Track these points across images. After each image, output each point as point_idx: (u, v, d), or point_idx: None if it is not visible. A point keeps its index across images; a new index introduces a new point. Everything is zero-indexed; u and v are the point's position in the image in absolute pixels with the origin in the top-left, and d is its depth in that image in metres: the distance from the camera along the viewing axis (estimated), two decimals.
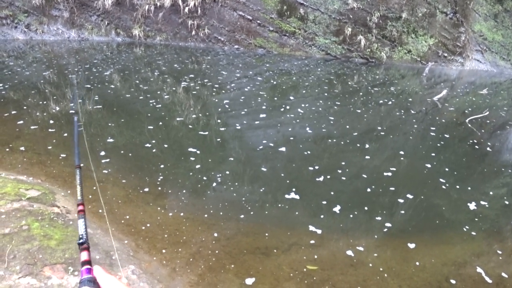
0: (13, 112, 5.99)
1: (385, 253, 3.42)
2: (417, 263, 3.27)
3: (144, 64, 10.62)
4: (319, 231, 3.59)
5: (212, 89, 8.56)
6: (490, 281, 3.14)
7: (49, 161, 4.51)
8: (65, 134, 5.32)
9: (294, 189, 4.30)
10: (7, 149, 4.72)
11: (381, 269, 3.15)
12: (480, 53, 14.52)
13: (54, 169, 4.33)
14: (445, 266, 3.32)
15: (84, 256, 0.64)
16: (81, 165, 1.17)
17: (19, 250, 2.70)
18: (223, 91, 8.49)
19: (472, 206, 4.30)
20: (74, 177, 0.82)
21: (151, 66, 10.38)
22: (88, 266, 0.62)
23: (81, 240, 0.68)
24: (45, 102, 6.62)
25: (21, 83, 7.82)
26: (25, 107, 6.29)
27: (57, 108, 6.36)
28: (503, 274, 3.23)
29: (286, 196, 4.19)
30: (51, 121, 5.76)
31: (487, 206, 4.34)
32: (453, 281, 3.09)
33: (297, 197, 4.18)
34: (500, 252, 3.57)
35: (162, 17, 13.94)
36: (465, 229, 3.88)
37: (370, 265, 3.19)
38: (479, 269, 3.28)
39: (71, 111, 6.14)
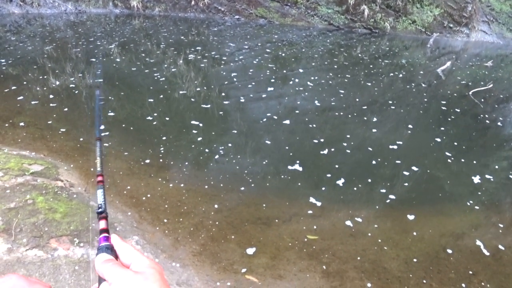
0: (13, 88, 5.96)
1: (385, 224, 3.47)
2: (416, 234, 3.33)
3: (148, 36, 10.44)
4: (320, 202, 3.64)
5: (220, 61, 8.47)
6: (486, 251, 3.20)
7: (51, 135, 4.53)
8: (66, 109, 5.31)
9: (298, 161, 4.32)
10: (9, 125, 4.73)
11: (380, 239, 3.21)
12: (487, 24, 14.17)
13: (56, 143, 4.35)
14: (443, 236, 3.37)
15: (102, 224, 0.66)
16: (102, 134, 1.16)
17: (25, 224, 2.75)
18: (231, 63, 8.38)
19: (476, 179, 4.31)
20: (94, 148, 0.84)
21: (156, 38, 10.21)
22: (106, 234, 0.63)
23: (100, 209, 0.70)
24: (45, 77, 6.57)
25: (23, 57, 7.74)
26: (26, 82, 6.25)
27: (57, 83, 6.32)
28: (500, 245, 3.29)
29: (289, 167, 4.22)
30: (51, 96, 5.74)
31: (491, 180, 4.35)
32: (450, 251, 3.15)
33: (300, 168, 4.21)
34: (498, 224, 3.62)
35: None
36: (467, 202, 3.91)
37: (369, 235, 3.25)
38: (476, 240, 3.34)
39: (95, 84, 6.07)
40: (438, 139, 5.25)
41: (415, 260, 3.01)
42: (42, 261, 2.46)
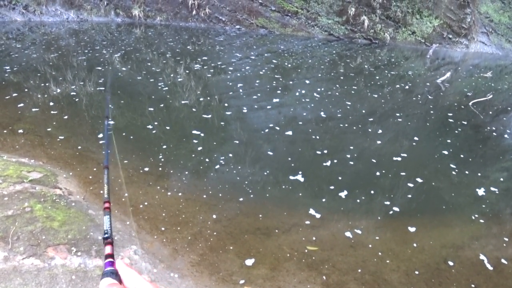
0: (14, 95, 5.97)
1: (385, 235, 3.44)
2: (417, 245, 3.30)
3: (152, 45, 10.48)
4: (320, 213, 3.61)
5: (225, 71, 8.50)
6: (488, 264, 3.17)
7: (51, 143, 4.52)
8: (66, 117, 5.31)
9: (300, 172, 4.30)
10: (8, 132, 4.72)
11: (380, 250, 3.18)
12: (486, 35, 14.27)
13: (55, 151, 4.33)
14: (444, 248, 3.34)
15: (107, 250, 0.69)
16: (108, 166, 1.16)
17: (23, 232, 2.73)
18: (237, 73, 8.40)
19: (478, 191, 4.29)
20: (102, 176, 0.89)
21: (160, 48, 10.25)
22: (111, 259, 0.66)
23: (106, 235, 0.73)
24: (47, 84, 6.57)
25: (27, 64, 7.76)
26: (27, 89, 6.25)
27: (58, 90, 6.33)
28: (502, 258, 3.26)
29: (290, 177, 4.20)
30: (52, 103, 5.74)
31: (494, 191, 4.32)
32: (451, 263, 3.12)
33: (302, 179, 4.18)
34: (500, 236, 3.59)
35: None
36: (469, 213, 3.89)
37: (370, 246, 3.22)
38: (478, 252, 3.31)
39: (106, 116, 6.06)
40: (441, 150, 5.24)
41: (416, 272, 2.98)
42: (39, 270, 2.43)
